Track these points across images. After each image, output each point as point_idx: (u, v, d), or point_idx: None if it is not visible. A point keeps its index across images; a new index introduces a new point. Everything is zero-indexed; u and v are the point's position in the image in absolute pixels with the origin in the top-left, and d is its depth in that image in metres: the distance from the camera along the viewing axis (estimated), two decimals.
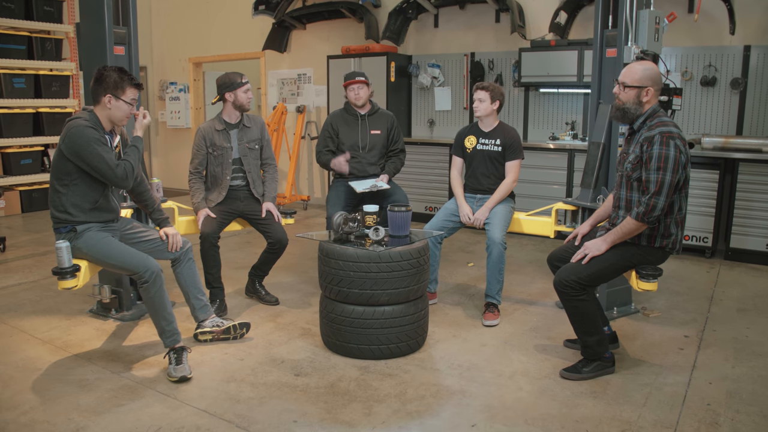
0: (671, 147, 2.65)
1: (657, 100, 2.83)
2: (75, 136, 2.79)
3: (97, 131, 2.86)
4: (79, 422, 2.51)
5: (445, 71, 6.88)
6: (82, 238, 2.90)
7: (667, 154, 2.64)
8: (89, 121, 2.87)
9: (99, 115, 2.94)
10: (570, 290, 2.81)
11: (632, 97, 2.79)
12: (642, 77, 2.77)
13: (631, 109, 2.80)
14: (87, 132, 2.81)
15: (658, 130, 2.70)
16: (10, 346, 3.28)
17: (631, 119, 2.83)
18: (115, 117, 2.95)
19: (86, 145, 2.79)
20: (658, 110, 2.81)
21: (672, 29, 5.56)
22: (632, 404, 2.68)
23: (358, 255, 3.03)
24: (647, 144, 2.71)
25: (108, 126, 2.98)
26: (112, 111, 2.93)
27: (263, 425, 2.50)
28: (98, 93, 2.90)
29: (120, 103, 2.92)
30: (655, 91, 2.78)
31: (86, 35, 3.58)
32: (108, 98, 2.90)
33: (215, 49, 8.70)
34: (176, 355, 2.93)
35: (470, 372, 2.99)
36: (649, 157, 2.68)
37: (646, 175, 2.69)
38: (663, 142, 2.66)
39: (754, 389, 2.83)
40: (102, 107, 2.93)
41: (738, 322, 3.71)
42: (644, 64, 2.84)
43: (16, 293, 4.12)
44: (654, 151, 2.66)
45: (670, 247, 2.84)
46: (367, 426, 2.49)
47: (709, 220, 5.15)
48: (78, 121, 2.86)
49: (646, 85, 2.76)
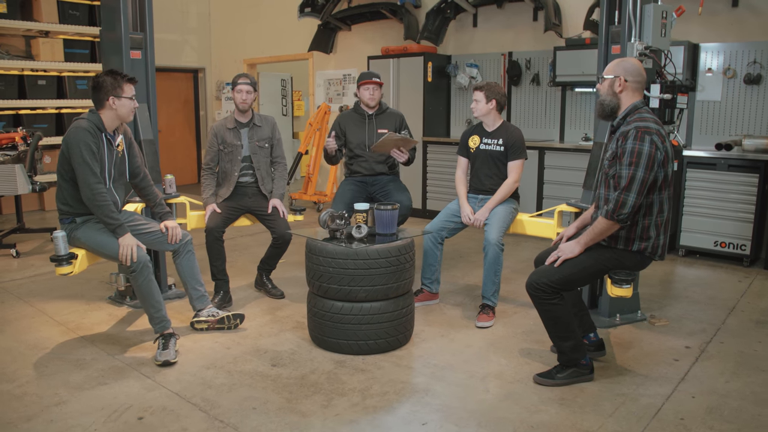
0: (646, 142, 2.55)
1: (639, 96, 2.72)
2: (70, 135, 3.02)
3: (94, 135, 3.06)
4: (63, 396, 2.73)
5: (483, 71, 6.80)
6: (81, 229, 3.14)
7: (641, 150, 2.54)
8: (90, 123, 3.09)
9: (104, 117, 3.15)
10: (541, 293, 2.75)
11: (606, 87, 2.72)
12: (615, 68, 2.70)
13: (606, 100, 2.72)
14: (81, 134, 3.02)
15: (635, 125, 2.60)
16: (30, 326, 3.59)
17: (608, 113, 2.74)
18: (122, 114, 3.16)
19: (74, 147, 3.01)
20: (640, 107, 2.70)
21: (713, 24, 5.28)
22: (598, 414, 2.59)
23: (337, 251, 3.10)
24: (622, 138, 2.62)
25: (113, 126, 3.19)
26: (117, 110, 3.14)
27: (223, 410, 2.62)
28: (100, 98, 3.12)
29: (122, 101, 3.13)
30: (631, 83, 2.67)
31: (106, 40, 3.86)
32: (111, 100, 3.11)
33: (267, 50, 9.02)
34: (164, 340, 3.11)
35: (443, 372, 2.99)
36: (623, 152, 2.59)
37: (618, 171, 2.60)
38: (637, 136, 2.56)
39: (740, 406, 2.67)
40: (107, 109, 3.14)
41: (751, 335, 3.48)
42: (624, 58, 2.75)
43: (49, 280, 4.49)
44: (627, 146, 2.57)
45: (650, 252, 2.72)
46: (320, 417, 2.56)
47: (747, 227, 4.84)
48: (79, 122, 3.09)
49: (618, 74, 2.67)
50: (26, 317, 3.73)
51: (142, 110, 3.87)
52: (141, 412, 2.60)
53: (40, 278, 4.53)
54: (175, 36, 9.30)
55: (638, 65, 2.71)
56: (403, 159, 4.17)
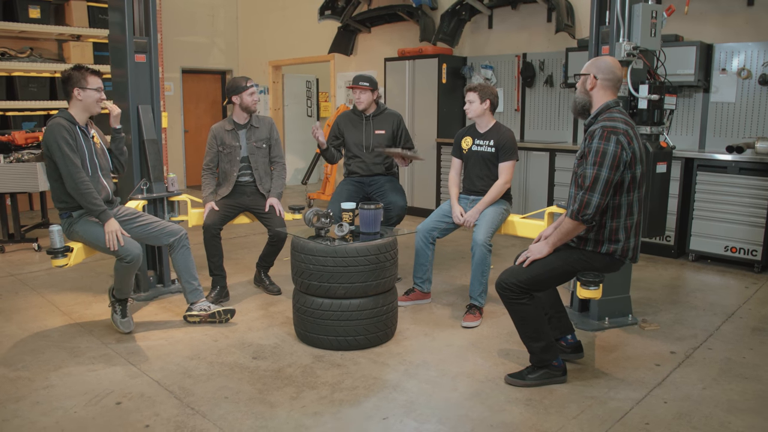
0: (611, 142, 2.54)
1: (612, 95, 2.70)
2: (46, 133, 3.22)
3: (68, 128, 3.24)
4: (52, 380, 2.89)
5: (498, 73, 6.79)
6: (78, 223, 3.31)
7: (605, 149, 2.54)
8: (63, 118, 3.28)
9: (73, 110, 3.34)
10: (510, 293, 2.77)
11: (579, 85, 2.73)
12: (589, 66, 2.70)
13: (578, 98, 2.73)
14: (56, 129, 3.21)
15: (601, 124, 2.60)
16: (37, 316, 3.79)
17: (579, 110, 2.75)
18: (88, 104, 3.33)
19: (52, 142, 3.20)
20: (612, 106, 2.69)
21: (727, 24, 5.15)
22: (562, 415, 2.59)
23: (317, 249, 3.18)
24: (589, 138, 2.62)
25: (83, 118, 3.37)
26: (83, 100, 3.32)
27: (196, 398, 2.73)
28: (68, 91, 3.31)
29: (87, 92, 3.31)
30: (602, 81, 2.67)
31: (113, 44, 4.04)
32: (77, 91, 3.30)
33: (292, 52, 9.19)
34: (121, 307, 3.46)
35: (417, 369, 3.03)
36: (588, 152, 2.59)
37: (583, 170, 2.60)
38: (603, 136, 2.55)
39: (711, 413, 2.62)
40: (74, 101, 3.32)
41: (743, 342, 3.40)
42: (600, 57, 2.74)
43: (64, 273, 4.71)
44: (593, 146, 2.57)
45: (620, 255, 2.70)
46: (287, 408, 2.64)
47: (758, 232, 4.70)
48: (52, 120, 3.29)
49: (590, 72, 2.67)
50: (35, 307, 3.95)
51: (146, 111, 4.05)
52: (120, 397, 2.74)
53: (57, 271, 4.75)
54: (204, 39, 9.57)
55: (612, 64, 2.69)
56: (405, 166, 4.28)
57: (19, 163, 5.25)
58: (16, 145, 5.45)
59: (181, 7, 9.13)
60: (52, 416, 2.57)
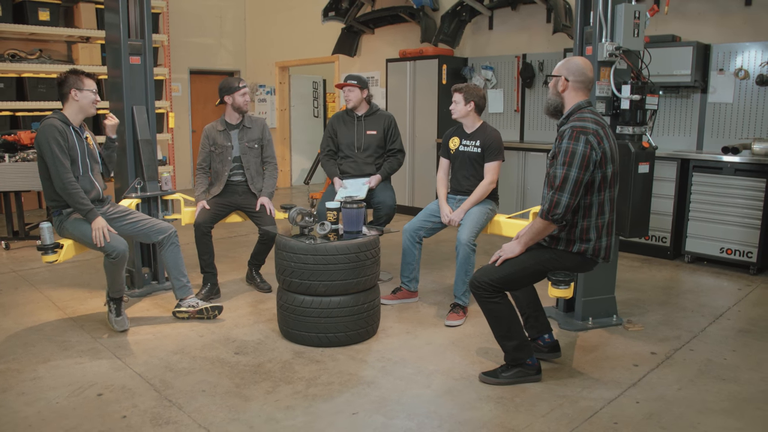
0: (580, 142, 2.56)
1: (584, 96, 2.72)
2: (39, 134, 3.32)
3: (61, 129, 3.32)
4: (39, 372, 2.99)
5: (498, 73, 6.80)
6: (68, 221, 3.41)
7: (574, 149, 2.56)
8: (57, 119, 3.37)
9: (68, 112, 3.43)
10: (482, 292, 2.79)
11: (551, 87, 2.75)
12: (559, 67, 2.73)
13: (551, 99, 2.76)
14: (48, 131, 3.30)
15: (571, 124, 2.62)
16: (33, 311, 3.90)
17: (552, 112, 2.77)
18: (84, 105, 3.44)
19: (44, 143, 3.29)
20: (584, 106, 2.71)
21: (725, 24, 5.11)
22: (531, 414, 2.61)
23: (298, 247, 3.23)
24: (559, 138, 2.64)
25: (78, 120, 3.47)
26: (80, 101, 3.42)
27: (175, 391, 2.80)
28: (64, 92, 3.41)
29: (84, 93, 3.42)
30: (573, 83, 2.69)
31: (109, 46, 4.14)
32: (73, 92, 3.40)
33: (298, 53, 9.27)
34: (116, 306, 3.50)
35: (394, 366, 3.07)
36: (558, 152, 2.62)
37: (553, 170, 2.63)
38: (572, 136, 2.58)
39: (682, 413, 2.63)
40: (71, 102, 3.42)
41: (727, 344, 3.39)
42: (571, 58, 2.76)
43: (64, 269, 4.83)
44: (562, 146, 2.60)
45: (591, 254, 2.72)
46: (260, 402, 2.70)
47: (754, 234, 4.66)
48: (46, 120, 3.38)
49: (561, 74, 2.69)
50: (32, 302, 4.06)
51: (140, 112, 4.14)
52: (102, 389, 2.82)
53: (57, 267, 4.87)
54: (212, 40, 9.70)
55: (583, 65, 2.71)
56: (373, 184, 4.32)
57: (25, 163, 5.39)
58: (21, 145, 5.59)
59: (189, 8, 9.26)
60: (34, 406, 2.66)
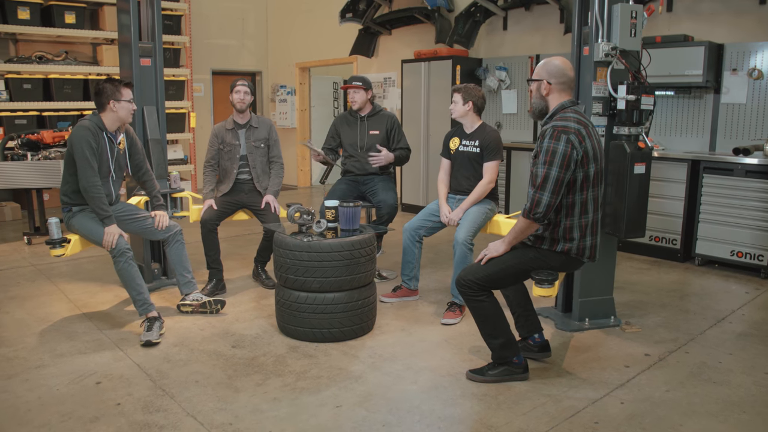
0: (561, 141, 2.58)
1: (567, 95, 2.74)
2: (74, 134, 3.44)
3: (94, 133, 3.45)
4: (45, 361, 3.13)
5: (512, 74, 6.79)
6: (76, 217, 3.55)
7: (555, 148, 2.58)
8: (92, 123, 3.49)
9: (105, 119, 3.54)
10: (468, 290, 2.82)
11: (534, 90, 2.77)
12: (539, 70, 2.74)
13: (535, 103, 2.78)
14: (83, 132, 3.42)
15: (552, 124, 2.64)
16: (45, 302, 4.06)
17: (537, 115, 2.80)
18: (122, 115, 3.55)
19: (77, 143, 3.42)
20: (567, 106, 2.72)
21: (738, 23, 5.02)
22: (512, 411, 2.64)
23: (294, 244, 3.32)
24: (541, 138, 2.67)
25: (114, 126, 3.58)
26: (118, 112, 3.53)
27: (170, 380, 2.90)
28: (102, 102, 3.51)
29: (122, 104, 3.52)
30: (555, 85, 2.71)
31: (122, 48, 4.29)
32: (112, 103, 3.51)
33: (317, 54, 9.38)
34: (149, 323, 3.44)
35: (384, 362, 3.13)
36: (539, 151, 2.64)
37: (535, 169, 2.65)
38: (553, 135, 2.60)
39: (666, 416, 2.62)
40: (108, 112, 3.54)
41: (724, 347, 3.35)
42: (550, 59, 2.78)
43: (81, 264, 5.01)
44: (543, 145, 2.62)
45: (575, 253, 2.73)
46: (249, 393, 2.78)
47: (765, 236, 4.58)
48: (82, 122, 3.50)
49: (542, 77, 2.72)
50: (45, 294, 4.23)
51: (151, 112, 4.27)
52: (101, 378, 2.94)
53: (73, 262, 5.06)
54: (234, 41, 9.88)
55: (563, 66, 2.73)
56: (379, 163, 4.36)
57: (47, 161, 5.60)
58: (44, 144, 5.81)
59: (211, 11, 9.45)
60: (36, 392, 2.79)
